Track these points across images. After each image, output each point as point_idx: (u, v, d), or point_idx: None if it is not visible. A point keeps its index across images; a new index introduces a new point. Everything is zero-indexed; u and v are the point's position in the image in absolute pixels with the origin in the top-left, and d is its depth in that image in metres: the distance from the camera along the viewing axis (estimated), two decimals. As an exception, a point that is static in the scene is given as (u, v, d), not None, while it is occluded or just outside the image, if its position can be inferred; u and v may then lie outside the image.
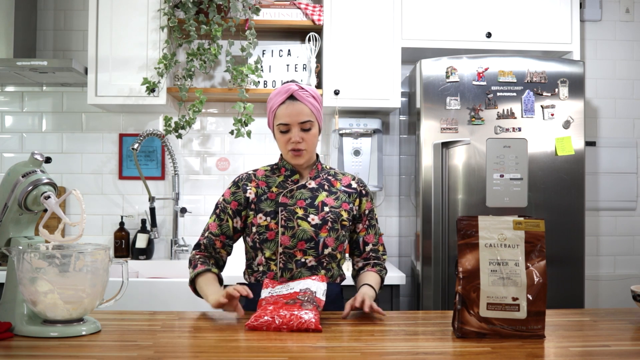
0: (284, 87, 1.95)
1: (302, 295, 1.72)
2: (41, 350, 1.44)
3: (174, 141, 3.37)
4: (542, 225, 1.59)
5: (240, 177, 2.03)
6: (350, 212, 2.00)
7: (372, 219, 2.07)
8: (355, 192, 2.03)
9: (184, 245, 3.28)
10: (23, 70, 2.95)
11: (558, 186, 2.88)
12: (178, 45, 3.15)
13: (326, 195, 1.98)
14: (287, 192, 1.97)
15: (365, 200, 2.04)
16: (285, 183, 1.99)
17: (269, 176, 2.02)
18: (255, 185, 1.99)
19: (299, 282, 1.80)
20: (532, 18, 3.13)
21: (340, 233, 1.96)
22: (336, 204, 1.97)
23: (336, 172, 2.08)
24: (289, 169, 2.01)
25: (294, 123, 1.92)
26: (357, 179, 2.07)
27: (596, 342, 1.57)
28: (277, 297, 1.74)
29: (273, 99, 1.96)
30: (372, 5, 3.10)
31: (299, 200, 1.95)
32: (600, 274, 3.53)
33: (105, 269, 1.62)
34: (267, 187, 1.99)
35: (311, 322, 1.62)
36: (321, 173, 2.04)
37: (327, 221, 1.93)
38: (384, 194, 3.45)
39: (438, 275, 2.82)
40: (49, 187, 1.68)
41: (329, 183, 2.02)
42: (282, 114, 1.93)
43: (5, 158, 3.37)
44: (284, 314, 1.64)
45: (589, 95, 3.53)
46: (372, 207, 2.07)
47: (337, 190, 2.01)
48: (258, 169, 2.07)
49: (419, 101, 2.89)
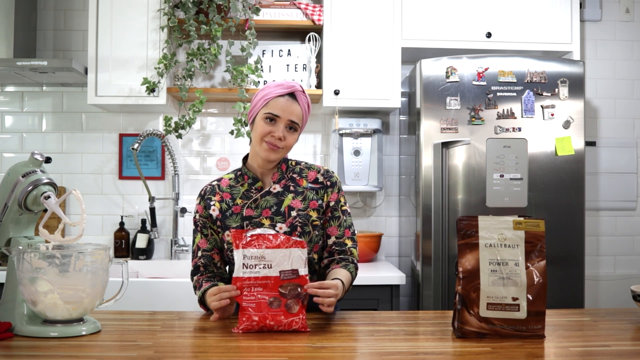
0: (287, 82, 1.89)
1: (284, 287, 1.63)
2: (41, 350, 1.44)
3: (174, 141, 3.37)
4: (542, 225, 1.59)
5: (205, 190, 1.96)
6: (320, 208, 1.91)
7: (336, 211, 1.94)
8: (322, 187, 1.93)
9: (184, 245, 3.28)
10: (23, 70, 2.95)
11: (558, 186, 2.88)
12: (178, 45, 3.15)
13: (292, 198, 1.90)
14: (252, 202, 1.89)
15: (330, 191, 1.94)
16: (249, 192, 1.92)
17: (233, 186, 1.94)
18: (220, 198, 1.92)
19: (275, 252, 1.65)
20: (532, 18, 3.13)
21: (312, 235, 1.88)
22: (303, 206, 1.89)
23: (302, 167, 1.98)
24: (251, 177, 1.93)
25: (284, 118, 1.85)
26: (323, 171, 1.97)
27: (596, 342, 1.57)
28: (255, 281, 1.63)
29: (271, 89, 1.88)
30: (372, 5, 3.09)
31: (264, 209, 1.88)
32: (600, 274, 3.53)
33: (105, 269, 1.62)
34: (232, 199, 1.91)
35: (300, 322, 1.62)
36: (286, 173, 1.95)
37: (295, 227, 1.86)
38: (384, 194, 3.45)
39: (438, 275, 2.82)
40: (49, 187, 1.68)
41: (295, 183, 1.93)
42: (276, 105, 1.85)
43: (5, 158, 3.37)
44: (271, 324, 1.61)
45: (589, 95, 3.53)
46: (337, 198, 1.95)
47: (304, 189, 1.92)
48: (222, 178, 1.97)
49: (419, 101, 2.89)
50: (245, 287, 1.64)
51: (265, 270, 1.64)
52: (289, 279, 1.65)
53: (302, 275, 1.66)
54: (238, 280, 1.64)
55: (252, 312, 1.62)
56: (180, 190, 3.34)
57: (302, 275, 1.66)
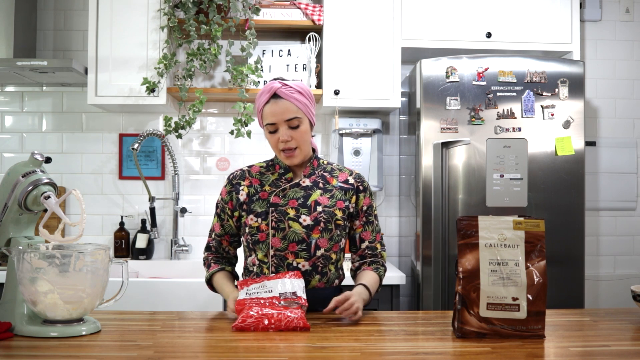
0: (267, 86, 1.89)
1: (283, 301, 1.69)
2: (41, 350, 1.44)
3: (174, 141, 3.37)
4: (542, 225, 1.59)
5: (234, 175, 2.00)
6: (346, 210, 1.94)
7: (370, 216, 1.99)
8: (352, 189, 1.96)
9: (184, 245, 3.28)
10: (23, 70, 2.95)
11: (558, 186, 2.88)
12: (178, 45, 3.15)
13: (320, 194, 1.92)
14: (280, 191, 1.92)
15: (362, 196, 1.97)
16: (279, 181, 1.95)
17: (264, 173, 1.98)
18: (249, 183, 1.96)
19: (276, 282, 1.75)
20: (532, 18, 3.13)
21: (334, 233, 1.90)
22: (330, 203, 1.91)
23: (334, 167, 2.01)
24: (283, 167, 1.97)
25: (280, 122, 1.86)
26: (355, 174, 2.00)
27: (596, 342, 1.57)
28: (257, 300, 1.71)
29: (258, 99, 1.90)
30: (372, 5, 3.10)
31: (291, 199, 1.90)
32: (600, 274, 3.53)
33: (105, 269, 1.62)
34: (260, 185, 1.95)
35: (299, 320, 1.63)
36: (317, 170, 1.98)
37: (319, 222, 1.88)
38: (384, 194, 3.45)
39: (438, 275, 2.82)
40: (49, 187, 1.68)
41: (324, 180, 1.96)
42: (267, 113, 1.87)
43: (5, 158, 3.37)
44: (271, 313, 1.64)
45: (589, 95, 3.53)
46: (370, 203, 1.99)
47: (333, 187, 1.95)
48: (253, 165, 2.03)
49: (419, 101, 2.89)
50: (247, 304, 1.70)
51: (267, 294, 1.72)
52: (289, 299, 1.71)
53: (300, 296, 1.73)
54: (240, 303, 1.71)
55: (252, 311, 1.65)
56: (180, 190, 3.34)
57: (300, 296, 1.72)
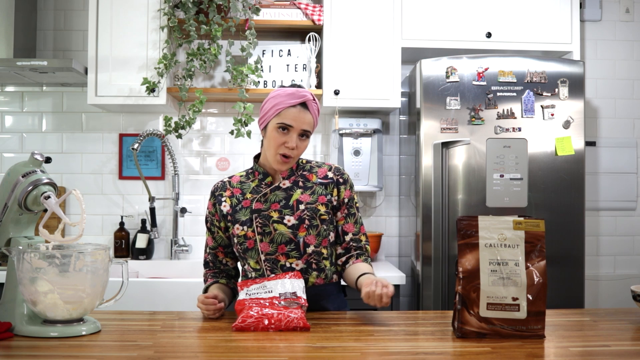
0: (298, 91, 1.89)
1: (283, 301, 1.70)
2: (41, 350, 1.44)
3: (174, 141, 3.37)
4: (542, 225, 1.59)
5: (216, 187, 2.02)
6: (329, 203, 1.94)
7: (352, 208, 1.99)
8: (332, 182, 1.96)
9: (184, 245, 3.28)
10: (23, 70, 2.95)
11: (558, 186, 2.88)
12: (178, 45, 3.15)
13: (301, 192, 1.93)
14: (261, 196, 1.93)
15: (343, 188, 1.97)
16: (259, 187, 1.95)
17: (244, 182, 1.99)
18: (230, 194, 1.97)
19: (276, 282, 1.76)
20: (532, 18, 3.13)
21: (320, 228, 1.90)
22: (312, 199, 1.92)
23: (312, 165, 2.02)
24: (262, 172, 1.97)
25: (297, 128, 1.87)
26: (335, 168, 2.00)
27: (596, 342, 1.57)
28: (257, 300, 1.71)
29: (282, 98, 1.88)
30: (372, 5, 3.10)
31: (273, 203, 1.91)
32: (600, 274, 3.53)
33: (105, 269, 1.62)
34: (242, 194, 1.95)
35: (300, 320, 1.63)
36: (297, 171, 1.98)
37: (303, 220, 1.89)
38: (384, 194, 3.45)
39: (438, 275, 2.82)
40: (49, 187, 1.68)
41: (304, 179, 1.96)
42: (289, 115, 1.87)
43: (5, 158, 3.37)
44: (271, 313, 1.64)
45: (589, 95, 3.53)
46: (351, 195, 1.98)
47: (313, 184, 1.95)
48: (234, 176, 2.04)
49: (419, 101, 2.89)
50: (246, 304, 1.70)
51: (267, 294, 1.73)
52: (289, 299, 1.71)
53: (300, 296, 1.73)
54: (240, 303, 1.71)
55: (252, 312, 1.65)
56: (180, 190, 3.34)
57: (300, 296, 1.73)
